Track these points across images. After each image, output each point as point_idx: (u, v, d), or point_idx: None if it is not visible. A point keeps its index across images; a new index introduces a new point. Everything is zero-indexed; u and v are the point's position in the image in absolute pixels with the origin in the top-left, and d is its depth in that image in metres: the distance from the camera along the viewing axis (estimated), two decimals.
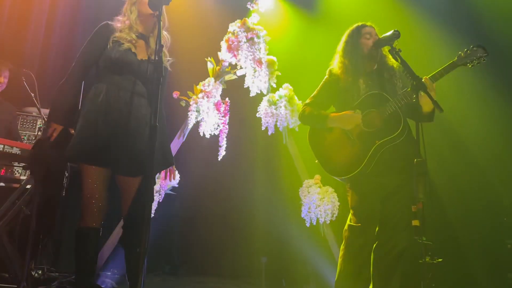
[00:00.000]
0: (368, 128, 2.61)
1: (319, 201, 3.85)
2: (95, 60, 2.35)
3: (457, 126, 4.05)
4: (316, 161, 2.82)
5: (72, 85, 2.33)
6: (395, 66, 2.71)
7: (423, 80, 2.41)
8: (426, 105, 2.49)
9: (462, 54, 2.49)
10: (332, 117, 2.70)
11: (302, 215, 3.91)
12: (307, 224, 3.90)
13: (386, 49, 2.68)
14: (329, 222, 3.86)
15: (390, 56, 2.62)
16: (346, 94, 2.72)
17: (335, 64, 2.80)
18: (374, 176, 2.59)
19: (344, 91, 2.72)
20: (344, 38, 2.81)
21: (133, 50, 2.34)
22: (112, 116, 2.26)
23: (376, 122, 2.59)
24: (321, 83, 2.86)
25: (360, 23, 2.77)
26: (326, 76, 2.84)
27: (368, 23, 2.75)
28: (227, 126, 4.07)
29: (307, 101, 2.86)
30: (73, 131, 2.30)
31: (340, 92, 2.74)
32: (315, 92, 2.86)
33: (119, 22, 2.40)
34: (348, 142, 2.66)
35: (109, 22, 2.40)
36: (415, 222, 2.07)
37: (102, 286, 3.50)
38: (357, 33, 2.75)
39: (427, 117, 2.57)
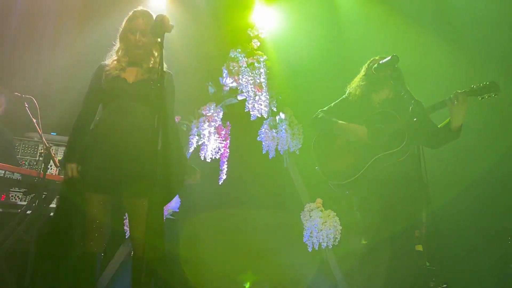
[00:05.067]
0: (372, 142, 2.66)
1: (321, 225, 3.82)
2: (98, 99, 2.45)
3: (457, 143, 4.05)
4: (317, 167, 2.92)
5: (82, 126, 2.41)
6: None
7: (455, 92, 2.48)
8: (456, 117, 2.51)
9: (475, 87, 2.51)
10: (340, 124, 2.82)
11: (304, 240, 3.87)
12: (309, 249, 3.85)
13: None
14: (331, 247, 3.81)
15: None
16: (358, 113, 2.81)
17: (352, 88, 2.91)
18: (377, 187, 2.65)
19: (357, 111, 2.83)
20: (363, 67, 2.95)
21: (122, 76, 2.42)
22: (112, 141, 2.30)
23: (381, 137, 2.64)
24: (338, 99, 3.00)
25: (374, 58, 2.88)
26: (344, 96, 2.98)
27: (377, 57, 2.86)
28: (228, 150, 4.08)
29: (325, 108, 3.01)
30: None
31: (353, 111, 2.86)
32: (331, 104, 3.01)
33: (113, 54, 2.51)
34: (350, 152, 2.76)
35: (102, 63, 2.51)
36: (418, 247, 2.06)
37: None
38: (372, 62, 2.88)
39: (454, 134, 2.59)
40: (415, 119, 2.32)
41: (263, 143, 4.14)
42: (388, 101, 2.79)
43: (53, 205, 3.52)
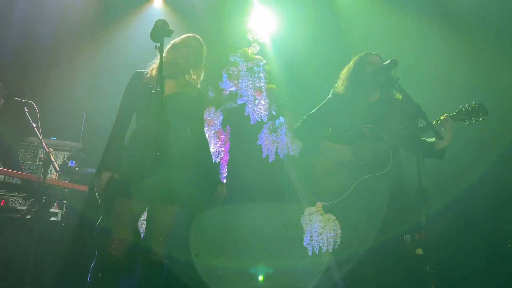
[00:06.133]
0: (357, 160, 2.64)
1: (321, 229, 3.82)
2: (133, 107, 2.49)
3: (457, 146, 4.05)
4: (301, 178, 2.90)
5: (117, 134, 2.45)
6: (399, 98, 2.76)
7: (443, 117, 2.48)
8: (441, 141, 2.51)
9: (463, 109, 2.49)
10: (325, 143, 2.78)
11: (304, 244, 3.87)
12: (310, 253, 3.85)
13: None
14: (331, 251, 3.81)
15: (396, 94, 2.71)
16: (344, 117, 2.76)
17: (338, 86, 2.86)
18: (361, 201, 2.62)
19: (343, 114, 2.76)
20: (350, 64, 2.88)
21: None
22: (148, 151, 2.32)
23: (367, 156, 2.62)
24: (323, 102, 2.94)
25: (365, 52, 2.83)
26: (329, 96, 2.92)
27: (374, 52, 2.82)
28: (228, 154, 4.08)
29: (305, 117, 2.95)
30: None
31: (338, 113, 2.79)
32: (315, 109, 2.94)
33: (151, 69, 2.55)
34: (335, 171, 2.72)
35: (139, 70, 2.56)
36: (419, 251, 2.06)
37: None
38: (361, 60, 2.81)
39: (438, 154, 2.59)
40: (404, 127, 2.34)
41: (263, 147, 4.15)
42: (375, 104, 2.76)
43: (53, 210, 3.53)
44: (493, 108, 2.60)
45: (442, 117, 2.50)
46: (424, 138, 2.63)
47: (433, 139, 2.60)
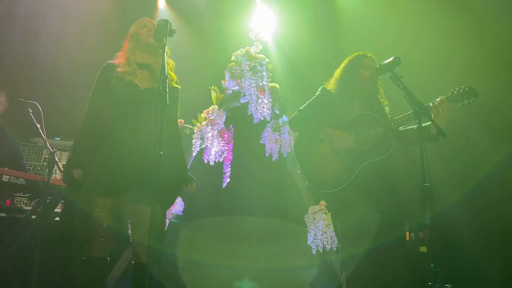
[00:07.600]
0: (358, 147, 2.64)
1: (325, 228, 3.82)
2: (105, 101, 2.38)
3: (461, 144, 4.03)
4: (298, 171, 2.85)
5: (88, 130, 2.36)
6: (384, 102, 2.82)
7: (438, 99, 2.57)
8: (438, 123, 2.52)
9: (455, 92, 2.60)
10: (326, 129, 2.72)
11: (308, 242, 3.86)
12: (314, 252, 3.85)
13: (379, 82, 2.77)
14: (335, 249, 3.81)
15: (381, 91, 2.72)
16: (338, 112, 2.75)
17: (330, 84, 2.84)
18: (360, 198, 2.60)
19: (336, 110, 2.75)
20: (343, 64, 2.86)
21: (134, 81, 2.39)
22: (120, 147, 2.30)
23: (367, 142, 2.63)
24: (312, 98, 2.87)
25: (361, 53, 2.81)
26: (319, 92, 2.87)
27: (369, 54, 2.80)
28: (231, 153, 4.09)
29: (302, 108, 2.85)
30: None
31: (331, 109, 2.77)
32: (305, 104, 2.86)
33: (119, 58, 2.48)
34: (336, 158, 2.69)
35: (110, 62, 2.47)
36: (423, 249, 2.06)
37: None
38: (357, 62, 2.80)
39: (434, 137, 2.61)
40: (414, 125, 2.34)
41: (266, 145, 4.15)
42: (367, 97, 2.77)
43: (58, 210, 3.54)
44: (498, 104, 2.61)
45: (437, 100, 2.59)
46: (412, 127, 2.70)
47: (428, 123, 2.60)
